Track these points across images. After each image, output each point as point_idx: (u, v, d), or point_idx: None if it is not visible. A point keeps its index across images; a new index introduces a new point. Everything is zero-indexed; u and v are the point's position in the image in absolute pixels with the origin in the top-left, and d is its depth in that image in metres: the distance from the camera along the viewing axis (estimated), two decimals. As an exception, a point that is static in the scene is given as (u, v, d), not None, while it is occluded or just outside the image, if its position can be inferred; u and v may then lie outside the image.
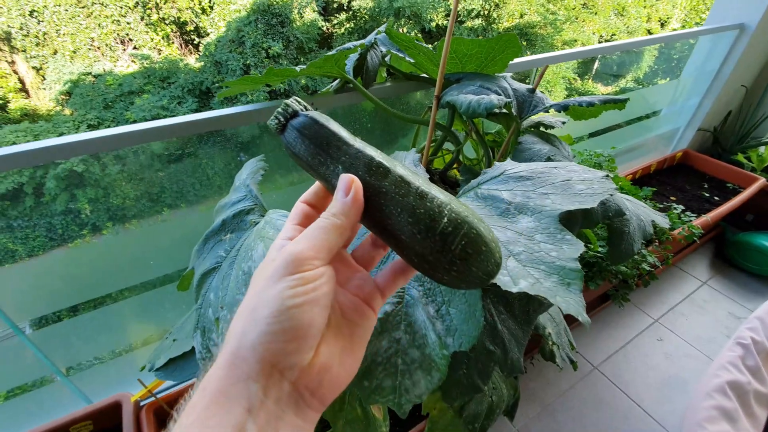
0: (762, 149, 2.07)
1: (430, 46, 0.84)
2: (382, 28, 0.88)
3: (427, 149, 0.85)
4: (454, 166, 0.99)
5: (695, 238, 1.48)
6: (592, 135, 1.87)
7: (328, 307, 0.25)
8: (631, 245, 0.62)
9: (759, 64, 2.05)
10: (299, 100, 0.32)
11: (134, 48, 8.56)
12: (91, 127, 7.47)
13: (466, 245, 0.25)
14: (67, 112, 7.65)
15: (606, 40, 10.54)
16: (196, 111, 7.81)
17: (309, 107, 0.32)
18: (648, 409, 1.34)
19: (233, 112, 0.80)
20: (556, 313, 0.94)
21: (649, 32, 11.29)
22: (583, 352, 1.54)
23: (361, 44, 0.73)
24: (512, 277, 0.37)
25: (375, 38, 0.90)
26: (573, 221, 0.57)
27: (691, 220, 1.61)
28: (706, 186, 2.03)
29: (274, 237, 0.45)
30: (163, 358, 0.82)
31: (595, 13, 10.49)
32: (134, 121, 7.48)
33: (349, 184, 0.27)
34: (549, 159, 0.64)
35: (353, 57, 0.85)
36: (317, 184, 0.32)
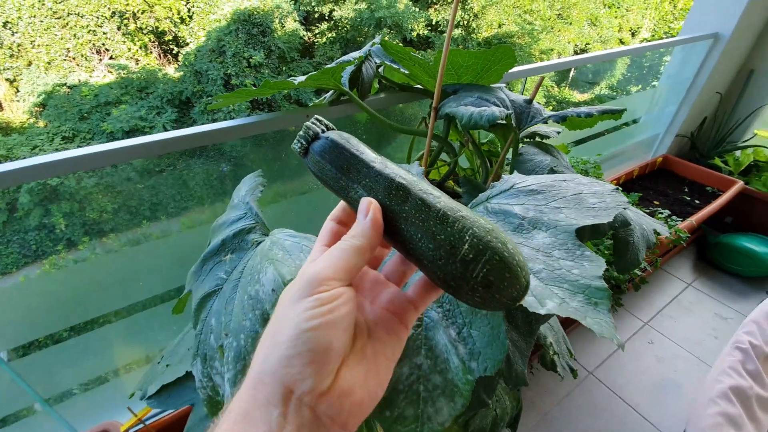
0: (738, 153, 2.15)
1: (423, 54, 0.83)
2: (376, 39, 0.88)
3: (425, 160, 0.84)
4: (451, 176, 0.98)
5: (682, 242, 1.52)
6: (577, 143, 1.91)
7: (349, 329, 0.24)
8: (636, 255, 0.62)
9: (732, 72, 2.14)
10: (320, 119, 0.31)
11: (111, 58, 8.37)
12: (66, 139, 7.23)
13: (488, 273, 0.24)
14: (41, 124, 7.40)
15: (581, 49, 10.88)
16: (176, 121, 7.70)
17: (329, 127, 0.31)
18: (643, 413, 1.35)
19: (227, 126, 0.77)
20: (554, 321, 0.93)
21: (621, 42, 11.73)
22: (578, 358, 1.55)
23: (360, 56, 0.72)
24: (537, 298, 0.36)
25: (369, 50, 0.89)
26: (582, 233, 0.57)
27: (677, 224, 1.66)
28: (686, 190, 2.09)
29: (284, 259, 0.43)
30: (156, 385, 0.78)
31: (570, 23, 10.84)
32: (111, 132, 7.28)
33: (367, 207, 0.27)
34: (552, 170, 0.64)
35: (349, 69, 0.83)
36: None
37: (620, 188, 0.53)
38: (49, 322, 0.88)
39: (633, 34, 12.26)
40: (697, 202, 1.97)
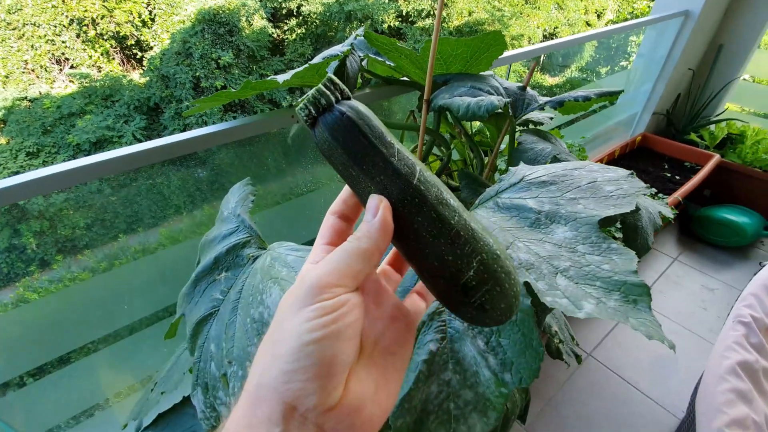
0: (713, 127, 2.20)
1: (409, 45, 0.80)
2: (359, 31, 0.84)
3: (420, 155, 0.81)
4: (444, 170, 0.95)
5: (670, 220, 1.54)
6: (558, 128, 1.91)
7: (356, 338, 0.22)
8: (646, 239, 0.61)
9: (703, 48, 2.18)
10: (335, 82, 0.25)
11: (72, 67, 7.98)
12: (30, 155, 6.89)
13: (485, 301, 0.24)
14: (3, 140, 7.02)
15: (550, 34, 11.01)
16: (146, 129, 7.42)
17: (345, 94, 0.25)
18: (644, 390, 1.37)
19: (205, 134, 0.72)
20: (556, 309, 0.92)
21: (588, 24, 11.92)
22: (576, 340, 1.56)
23: (347, 50, 0.68)
24: (571, 300, 0.33)
25: (353, 43, 0.85)
26: (594, 222, 0.54)
27: (665, 201, 1.68)
28: (666, 166, 2.13)
29: (290, 277, 0.39)
30: (152, 415, 0.73)
31: (538, 8, 10.94)
32: (77, 144, 6.97)
33: (377, 206, 0.24)
34: (555, 158, 0.62)
35: (333, 64, 0.79)
36: (346, 188, 0.27)
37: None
38: (28, 357, 0.82)
39: (599, 16, 12.48)
40: (677, 177, 2.01)
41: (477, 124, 1.13)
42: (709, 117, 2.31)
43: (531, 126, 0.87)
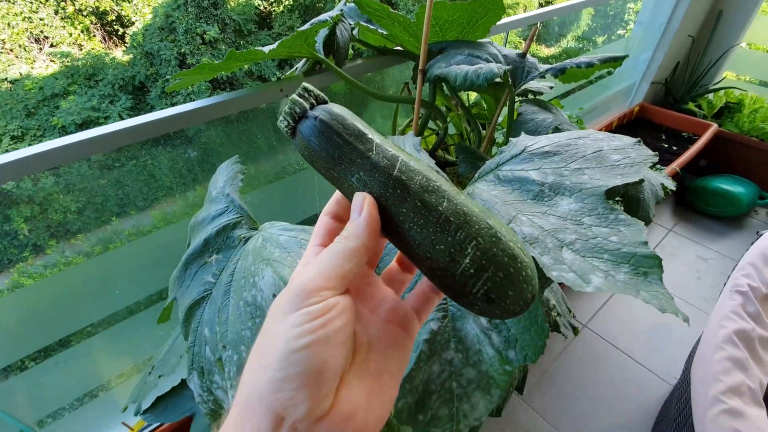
0: (711, 96, 2.17)
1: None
2: (349, -3, 0.79)
3: (415, 129, 0.78)
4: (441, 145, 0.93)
5: (668, 191, 1.53)
6: (558, 98, 1.87)
7: (346, 343, 0.21)
8: (647, 212, 0.59)
9: (703, 13, 2.12)
10: (309, 89, 0.26)
11: (52, 46, 7.67)
12: (15, 139, 6.71)
13: (489, 290, 0.22)
14: (-14, 125, 6.83)
15: (546, 2, 10.70)
16: (132, 109, 7.22)
17: (320, 99, 0.26)
18: (639, 359, 1.40)
19: (190, 109, 0.68)
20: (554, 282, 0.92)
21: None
22: (573, 312, 1.58)
23: (336, 16, 0.64)
24: (578, 274, 0.32)
25: (342, 9, 0.80)
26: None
27: (663, 172, 1.66)
28: (663, 137, 2.10)
29: (283, 258, 0.37)
30: (150, 398, 0.72)
31: (534, -25, 10.58)
32: (63, 127, 6.79)
33: (361, 204, 0.24)
34: (557, 129, 0.60)
35: (322, 33, 0.75)
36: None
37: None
38: (24, 342, 0.80)
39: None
40: (674, 148, 1.99)
41: (474, 95, 1.10)
42: (707, 86, 2.27)
43: (530, 96, 0.84)
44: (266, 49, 0.59)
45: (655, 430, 1.17)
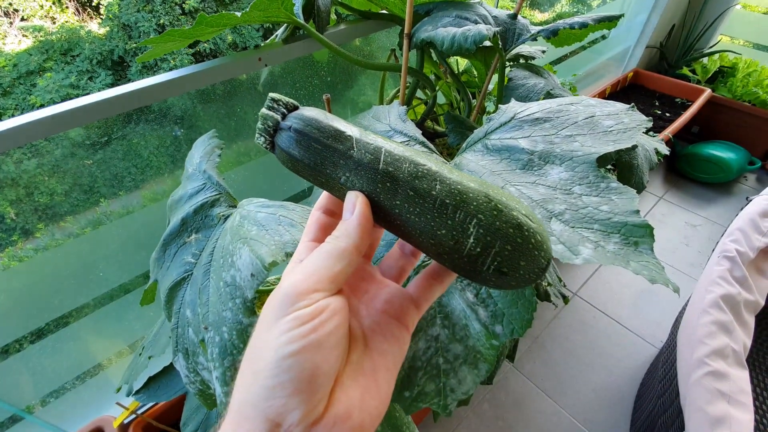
0: (705, 60, 2.13)
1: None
2: (329, -44, 0.74)
3: (402, 98, 0.75)
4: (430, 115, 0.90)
5: (660, 158, 1.52)
6: (552, 63, 1.82)
7: (339, 344, 0.21)
8: (641, 178, 0.58)
9: (701, -28, 2.05)
10: (276, 98, 0.25)
11: (22, 20, 7.28)
12: (-10, 119, 6.48)
13: (500, 264, 0.22)
14: (-43, 104, 6.56)
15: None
16: (113, 85, 6.95)
17: (290, 106, 0.26)
18: (626, 325, 1.43)
19: (165, 80, 0.64)
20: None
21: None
22: (563, 281, 1.60)
23: (313, -25, 0.60)
24: (567, 246, 0.31)
25: (322, -30, 0.75)
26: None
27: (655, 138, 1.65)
28: (657, 103, 2.07)
29: (260, 236, 0.36)
30: (142, 378, 0.72)
31: (527, -65, 10.15)
32: (41, 106, 6.55)
33: (353, 203, 0.23)
34: (549, 94, 0.57)
35: (301, -5, 0.70)
36: None
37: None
38: (10, 327, 0.79)
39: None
40: (668, 114, 1.97)
41: (464, 62, 1.06)
42: (702, 49, 2.23)
43: (522, 61, 0.80)
44: (239, 13, 0.55)
45: (640, 392, 1.21)
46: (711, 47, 2.23)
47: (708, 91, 1.95)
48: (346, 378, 0.21)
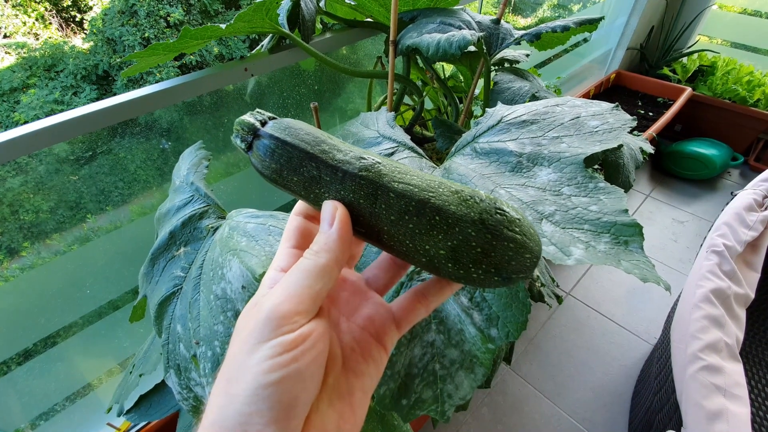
0: (685, 60, 2.18)
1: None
2: (312, -34, 0.74)
3: (390, 105, 0.75)
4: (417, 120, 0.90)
5: (645, 157, 1.55)
6: (536, 67, 1.85)
7: (319, 372, 0.20)
8: (627, 177, 0.59)
9: (677, -25, 2.10)
10: (257, 112, 0.26)
11: (5, 36, 7.20)
12: (-28, 137, 6.35)
13: (488, 267, 0.22)
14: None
15: (521, -30, 10.50)
16: (97, 100, 6.89)
17: (268, 118, 0.26)
18: (621, 322, 1.44)
19: (150, 93, 0.64)
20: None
21: (559, -43, 11.40)
22: (556, 281, 1.61)
23: (296, -15, 0.60)
24: (558, 247, 0.31)
25: (306, -20, 0.75)
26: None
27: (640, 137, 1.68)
28: (639, 103, 2.11)
29: (250, 248, 0.35)
30: (133, 397, 0.70)
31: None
32: (25, 122, 6.45)
33: (332, 214, 0.23)
34: (534, 97, 0.58)
35: (285, 5, 0.70)
36: None
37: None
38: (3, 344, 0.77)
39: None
40: (650, 114, 2.01)
41: (450, 68, 1.06)
42: (681, 50, 2.28)
43: (507, 65, 0.81)
44: (223, 25, 0.55)
45: (637, 389, 1.22)
46: (690, 47, 2.28)
47: (689, 90, 2.00)
48: (322, 403, 0.20)
